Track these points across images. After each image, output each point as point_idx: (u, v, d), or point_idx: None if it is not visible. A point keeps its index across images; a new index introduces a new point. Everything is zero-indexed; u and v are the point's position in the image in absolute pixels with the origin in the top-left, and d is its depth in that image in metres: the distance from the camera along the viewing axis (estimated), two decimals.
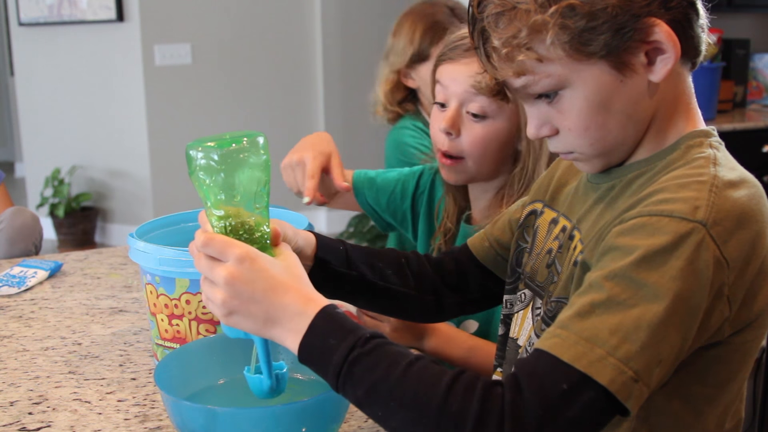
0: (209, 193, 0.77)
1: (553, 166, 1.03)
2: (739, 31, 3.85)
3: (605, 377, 0.66)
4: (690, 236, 0.69)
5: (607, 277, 0.70)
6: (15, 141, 6.90)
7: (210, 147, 0.76)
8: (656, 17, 0.76)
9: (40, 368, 1.11)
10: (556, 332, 0.70)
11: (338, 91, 4.73)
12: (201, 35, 4.40)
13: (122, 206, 4.61)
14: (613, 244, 0.73)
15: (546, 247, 0.93)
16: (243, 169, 0.77)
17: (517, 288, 0.99)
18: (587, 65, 0.77)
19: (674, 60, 0.77)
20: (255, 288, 0.74)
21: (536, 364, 0.69)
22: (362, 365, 0.71)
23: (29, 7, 4.48)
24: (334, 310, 0.75)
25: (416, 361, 0.71)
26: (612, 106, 0.78)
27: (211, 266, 0.75)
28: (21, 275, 1.49)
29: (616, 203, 0.81)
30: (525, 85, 0.79)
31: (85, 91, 4.51)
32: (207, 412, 0.80)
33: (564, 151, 0.84)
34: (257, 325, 0.75)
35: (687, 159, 0.79)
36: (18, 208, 1.89)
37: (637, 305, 0.68)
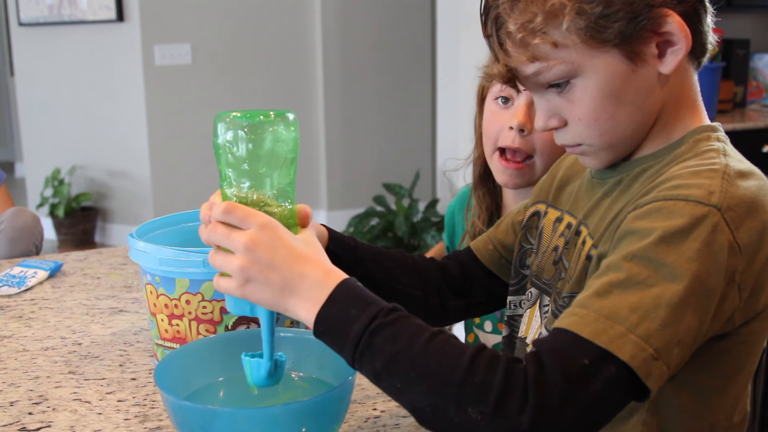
0: (233, 164, 0.77)
1: (554, 167, 1.04)
2: (739, 31, 3.85)
3: (626, 353, 0.66)
4: (706, 219, 0.70)
5: (626, 257, 0.71)
6: (15, 141, 6.91)
7: (239, 118, 0.76)
8: (669, 8, 0.77)
9: (40, 368, 1.11)
10: (574, 311, 0.70)
11: (338, 91, 4.73)
12: (201, 35, 4.41)
13: (122, 206, 4.61)
14: (629, 228, 0.73)
15: (552, 244, 0.93)
16: (270, 143, 0.76)
17: (523, 288, 1.00)
18: (600, 53, 0.77)
19: (684, 52, 0.79)
20: (275, 255, 0.74)
21: (556, 341, 0.69)
22: (383, 335, 0.70)
23: (29, 7, 4.48)
24: (355, 282, 0.75)
25: (438, 334, 0.70)
26: (623, 96, 0.79)
27: (229, 233, 0.74)
28: (21, 275, 1.49)
29: (625, 195, 0.82)
30: (537, 71, 0.80)
31: (85, 91, 4.51)
32: (207, 412, 0.80)
33: (572, 144, 0.84)
34: (274, 294, 0.74)
35: (696, 151, 0.80)
36: (19, 208, 1.89)
37: (657, 284, 0.69)
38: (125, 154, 4.50)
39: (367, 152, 4.86)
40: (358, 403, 0.97)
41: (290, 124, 0.78)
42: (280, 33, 4.59)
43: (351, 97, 4.76)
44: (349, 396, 0.85)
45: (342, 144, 4.79)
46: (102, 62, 4.43)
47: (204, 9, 4.40)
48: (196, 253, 0.98)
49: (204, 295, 1.00)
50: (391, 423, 0.92)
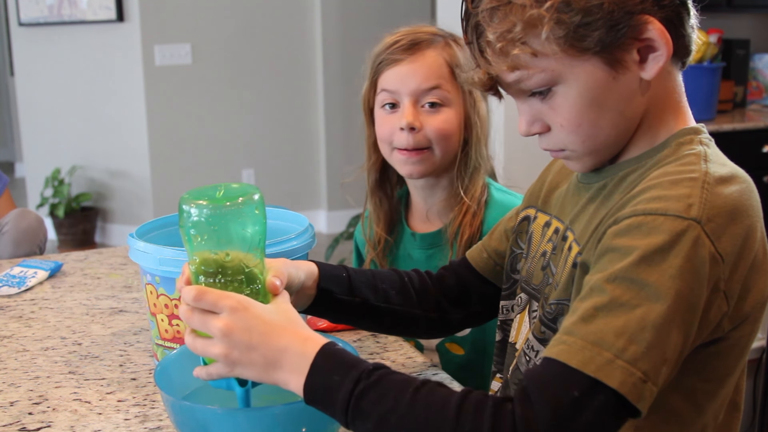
0: (200, 248, 0.77)
1: (544, 171, 1.04)
2: (739, 31, 3.85)
3: (615, 380, 0.66)
4: (686, 234, 0.70)
5: (608, 279, 0.70)
6: (15, 141, 6.91)
7: (203, 204, 0.75)
8: (650, 15, 0.77)
9: (40, 368, 1.11)
10: (562, 339, 0.70)
11: (338, 91, 4.73)
12: (201, 35, 4.41)
13: (122, 206, 4.61)
14: (609, 246, 0.73)
15: (540, 249, 0.93)
16: (237, 227, 0.76)
17: (514, 293, 0.99)
18: (581, 61, 0.77)
19: (666, 58, 0.78)
20: (252, 336, 0.74)
21: (544, 373, 0.69)
22: (369, 398, 0.71)
23: (29, 7, 4.48)
24: (334, 347, 0.75)
25: (422, 387, 0.71)
26: (604, 103, 0.79)
27: (205, 321, 0.75)
28: (21, 275, 1.49)
29: (609, 201, 0.82)
30: (518, 80, 0.80)
31: (85, 91, 4.51)
32: (207, 412, 0.80)
33: (555, 149, 0.84)
34: (259, 372, 0.75)
35: (677, 155, 0.79)
36: (23, 210, 1.90)
37: (640, 305, 0.68)
38: (125, 154, 4.49)
39: None
40: None
41: (255, 206, 0.77)
42: (281, 33, 4.59)
43: (351, 97, 4.75)
44: None
45: (342, 144, 4.79)
46: (102, 62, 4.43)
47: (204, 9, 4.40)
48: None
49: None
50: None
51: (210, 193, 0.78)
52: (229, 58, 4.49)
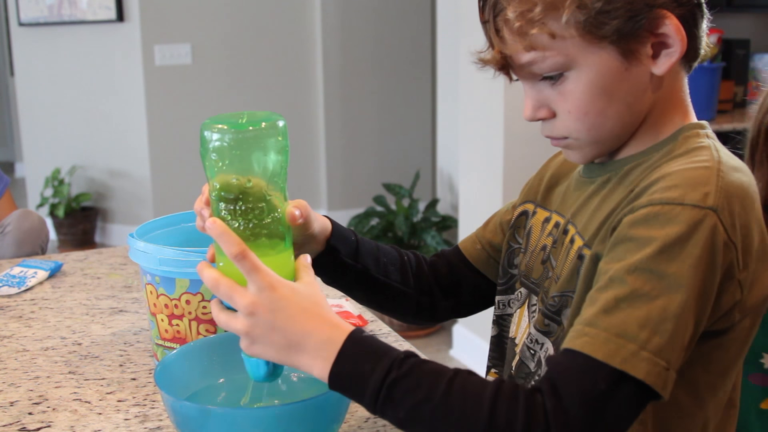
0: (221, 173, 0.76)
1: (543, 167, 1.03)
2: (739, 31, 3.85)
3: (641, 371, 0.67)
4: (703, 223, 0.71)
5: (628, 270, 0.71)
6: (15, 141, 6.90)
7: (225, 129, 0.74)
8: (668, 10, 0.78)
9: (40, 368, 1.11)
10: (584, 330, 0.70)
11: (338, 91, 4.73)
12: (201, 35, 4.40)
13: (122, 206, 4.61)
14: (626, 235, 0.73)
15: (540, 243, 0.94)
16: (259, 153, 0.75)
17: (512, 288, 1.00)
18: (596, 48, 0.78)
19: (679, 55, 0.79)
20: (276, 317, 0.74)
21: (570, 366, 0.70)
22: (402, 388, 0.71)
23: (29, 7, 4.48)
24: (362, 333, 0.75)
25: (455, 377, 0.71)
26: (614, 93, 0.80)
27: (231, 295, 0.74)
28: (21, 275, 1.49)
29: (614, 194, 0.82)
30: (532, 61, 0.80)
31: (85, 91, 4.51)
32: (207, 412, 0.80)
33: (558, 136, 0.84)
34: (280, 353, 0.75)
35: (687, 147, 0.80)
36: (25, 210, 1.91)
37: (661, 296, 0.69)
38: (125, 154, 4.49)
39: (367, 152, 4.85)
40: None
41: (279, 133, 0.76)
42: (281, 33, 4.59)
43: (351, 97, 4.76)
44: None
45: (342, 144, 4.79)
46: (102, 62, 4.43)
47: (204, 9, 4.39)
48: (196, 253, 0.98)
49: (204, 295, 1.00)
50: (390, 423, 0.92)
51: (233, 119, 0.76)
52: (229, 58, 4.49)
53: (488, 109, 2.77)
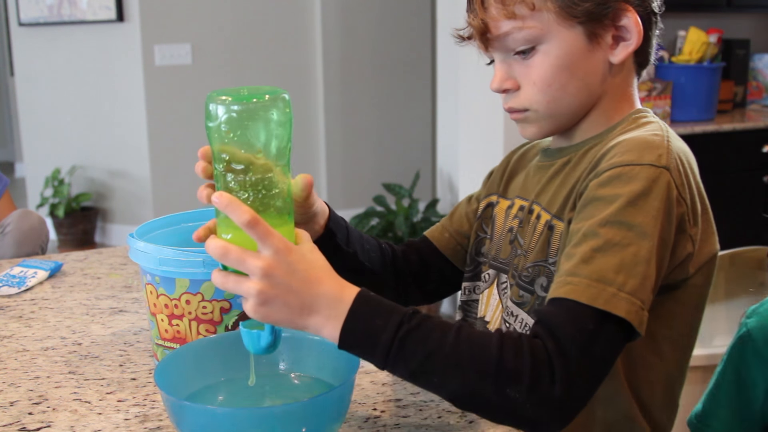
0: (227, 147, 0.76)
1: (503, 163, 1.12)
2: (739, 31, 3.85)
3: (622, 310, 0.76)
4: (659, 179, 0.81)
5: (600, 224, 0.79)
6: (15, 141, 6.91)
7: (231, 101, 0.75)
8: (631, 6, 0.89)
9: (40, 368, 1.11)
10: (567, 280, 0.78)
11: (338, 92, 4.73)
12: (201, 35, 4.41)
13: (122, 206, 4.61)
14: (594, 195, 0.82)
15: (506, 227, 1.03)
16: (269, 124, 0.76)
17: (478, 274, 1.08)
18: (566, 27, 0.89)
19: (634, 47, 0.90)
20: (293, 279, 0.75)
21: (560, 311, 0.77)
22: (413, 339, 0.75)
23: (29, 7, 4.48)
24: (368, 293, 0.78)
25: (461, 328, 0.77)
26: (575, 71, 0.90)
27: (244, 258, 0.74)
28: (21, 275, 1.49)
29: (575, 171, 0.92)
30: (509, 32, 0.89)
31: (85, 91, 4.51)
32: (207, 412, 0.80)
33: (519, 108, 0.93)
34: (292, 315, 0.76)
35: (638, 124, 0.91)
36: (25, 210, 1.91)
37: (631, 244, 0.78)
38: (125, 154, 4.49)
39: (367, 152, 4.86)
40: (358, 403, 0.97)
41: (284, 105, 0.77)
42: (280, 33, 4.59)
43: (351, 97, 4.76)
44: (349, 396, 0.85)
45: (342, 144, 4.79)
46: (102, 62, 4.43)
47: (204, 9, 4.40)
48: (196, 253, 0.98)
49: (204, 295, 1.00)
50: (391, 423, 0.92)
51: (237, 92, 0.77)
52: (229, 58, 4.49)
53: (488, 109, 2.77)
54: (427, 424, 0.91)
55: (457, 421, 0.91)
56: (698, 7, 3.56)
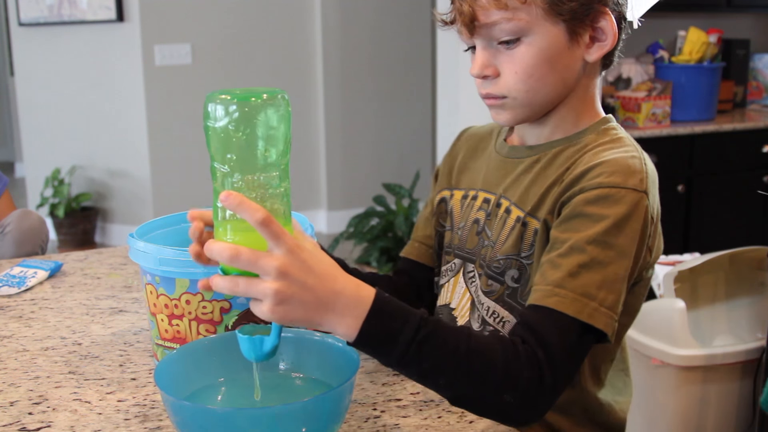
0: (221, 146, 0.75)
1: (448, 159, 1.16)
2: (739, 31, 3.85)
3: (602, 323, 0.86)
4: (640, 203, 0.89)
5: (587, 241, 0.87)
6: (15, 141, 6.91)
7: (227, 100, 0.74)
8: (609, 9, 0.94)
9: (40, 368, 1.11)
10: (554, 291, 0.86)
11: (338, 92, 4.73)
12: (201, 35, 4.41)
13: (122, 206, 4.61)
14: (582, 211, 0.89)
15: (471, 218, 1.07)
16: (271, 123, 0.75)
17: (445, 261, 1.12)
18: (551, 22, 0.93)
19: (609, 48, 0.96)
20: (308, 276, 0.74)
21: (547, 321, 0.85)
22: (430, 343, 0.79)
23: (29, 7, 4.48)
24: (384, 294, 0.79)
25: (471, 335, 0.82)
26: (555, 65, 0.95)
27: (257, 259, 0.73)
28: (21, 275, 1.49)
29: (547, 172, 0.98)
30: (498, 21, 0.92)
31: (85, 91, 4.51)
32: (207, 412, 0.80)
33: (497, 95, 0.97)
34: (309, 313, 0.75)
35: (610, 137, 0.98)
36: (24, 210, 1.91)
37: (612, 263, 0.88)
38: (125, 154, 4.49)
39: (367, 152, 4.86)
40: (358, 403, 0.97)
41: (282, 104, 0.77)
42: (280, 33, 4.59)
43: (351, 97, 4.76)
44: (349, 396, 0.85)
45: (342, 144, 4.79)
46: (102, 62, 4.43)
47: (204, 9, 4.40)
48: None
49: (204, 295, 1.00)
50: (391, 423, 0.92)
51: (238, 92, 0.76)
52: (229, 58, 4.49)
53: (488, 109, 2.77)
54: (427, 424, 0.91)
55: (457, 421, 0.91)
56: (698, 7, 3.56)
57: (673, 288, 2.20)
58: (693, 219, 3.25)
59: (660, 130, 3.12)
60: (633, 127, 3.12)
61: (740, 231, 3.36)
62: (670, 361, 2.11)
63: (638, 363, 2.22)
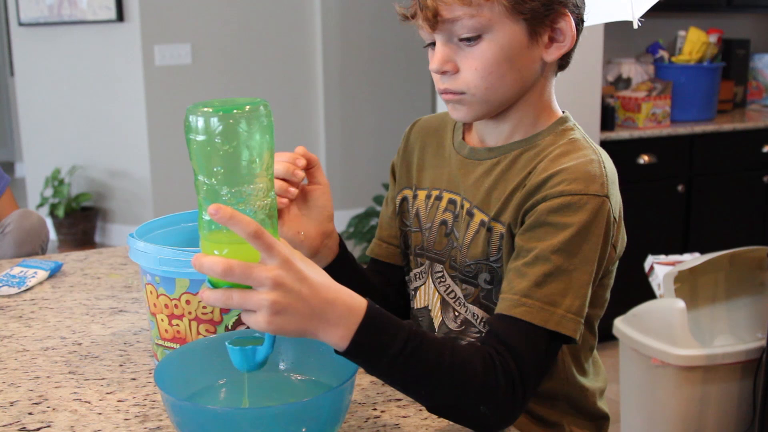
0: (207, 160, 0.74)
1: (405, 152, 1.16)
2: (739, 31, 3.85)
3: (569, 330, 0.89)
4: (602, 208, 0.91)
5: (552, 250, 0.90)
6: (15, 141, 6.91)
7: (211, 112, 0.73)
8: (568, 11, 0.95)
9: (40, 368, 1.11)
10: (521, 301, 0.89)
11: (338, 91, 4.73)
12: (201, 35, 4.41)
13: (122, 206, 4.61)
14: (546, 220, 0.91)
15: (437, 219, 1.08)
16: (257, 134, 0.75)
17: (417, 264, 1.12)
18: (513, 21, 0.93)
19: (567, 49, 0.97)
20: (302, 287, 0.74)
21: (516, 332, 0.88)
22: (416, 357, 0.81)
23: (29, 7, 4.48)
24: (375, 306, 0.80)
25: (454, 349, 0.84)
26: (514, 63, 0.95)
27: (250, 271, 0.73)
28: (21, 275, 1.49)
29: (507, 176, 0.99)
30: (458, 18, 0.92)
31: (85, 91, 4.51)
32: (207, 412, 0.80)
33: (456, 90, 0.97)
34: (303, 323, 0.75)
35: (567, 138, 0.99)
36: (25, 210, 1.91)
37: (576, 269, 0.90)
38: (125, 154, 4.49)
39: (367, 152, 4.86)
40: (358, 403, 0.97)
41: (263, 115, 0.76)
42: (281, 33, 4.59)
43: (351, 97, 4.76)
44: (349, 396, 0.85)
45: (342, 144, 4.79)
46: (102, 62, 4.43)
47: (204, 9, 4.40)
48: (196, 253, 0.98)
49: None
50: (391, 423, 0.92)
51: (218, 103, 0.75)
52: (229, 58, 4.49)
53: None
54: (427, 424, 0.91)
55: None
56: (698, 7, 3.56)
57: (673, 288, 2.20)
58: (693, 219, 3.25)
59: (660, 130, 3.11)
60: (633, 127, 3.12)
61: (740, 231, 3.36)
62: (670, 361, 2.11)
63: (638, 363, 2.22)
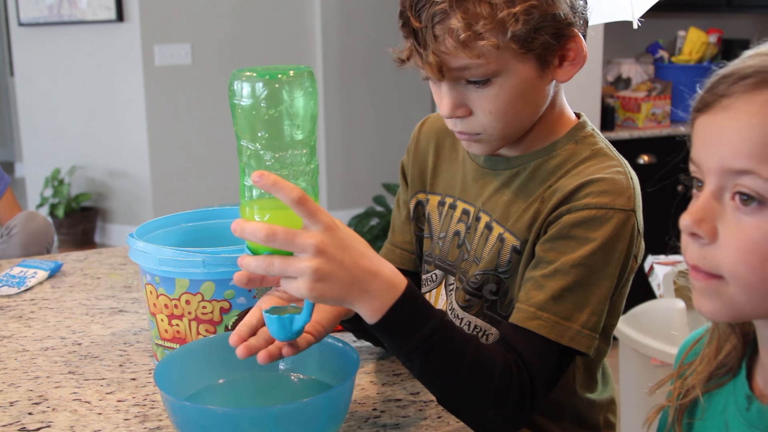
0: (252, 125, 0.74)
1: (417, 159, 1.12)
2: (739, 31, 3.85)
3: (583, 346, 0.88)
4: (627, 223, 0.89)
5: (572, 264, 0.88)
6: (15, 141, 6.90)
7: (256, 77, 0.73)
8: (576, 30, 0.91)
9: (40, 368, 1.11)
10: (537, 314, 0.88)
11: (338, 91, 4.73)
12: (201, 35, 4.40)
13: (122, 206, 4.61)
14: (569, 234, 0.89)
15: (451, 230, 1.05)
16: (302, 99, 0.74)
17: (425, 271, 1.10)
18: (522, 59, 0.89)
19: (580, 66, 0.92)
20: (345, 255, 0.74)
21: (529, 345, 0.87)
22: (441, 348, 0.81)
23: (29, 7, 4.48)
24: (415, 288, 0.80)
25: (478, 348, 0.84)
26: (529, 97, 0.92)
27: (293, 237, 0.72)
28: (21, 275, 1.49)
29: (527, 188, 0.97)
30: (466, 66, 0.87)
31: (85, 91, 4.50)
32: (207, 412, 0.80)
33: (471, 132, 0.94)
34: (344, 291, 0.75)
35: (590, 147, 0.96)
36: (31, 212, 1.92)
37: (595, 284, 0.89)
38: (125, 154, 4.49)
39: (367, 152, 4.86)
40: (358, 403, 0.97)
41: (307, 80, 0.75)
42: (280, 33, 4.59)
43: (350, 97, 4.75)
44: (349, 396, 0.85)
45: (342, 144, 4.79)
46: (102, 62, 4.43)
47: (204, 9, 4.39)
48: (196, 253, 0.98)
49: (204, 295, 1.00)
50: (391, 423, 0.92)
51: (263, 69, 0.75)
52: (229, 58, 4.48)
53: None
54: (427, 424, 0.91)
55: (456, 421, 0.91)
56: (698, 7, 3.56)
57: (673, 288, 2.20)
58: None
59: (660, 130, 3.11)
60: (633, 127, 3.12)
61: None
62: (670, 361, 2.11)
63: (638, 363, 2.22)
